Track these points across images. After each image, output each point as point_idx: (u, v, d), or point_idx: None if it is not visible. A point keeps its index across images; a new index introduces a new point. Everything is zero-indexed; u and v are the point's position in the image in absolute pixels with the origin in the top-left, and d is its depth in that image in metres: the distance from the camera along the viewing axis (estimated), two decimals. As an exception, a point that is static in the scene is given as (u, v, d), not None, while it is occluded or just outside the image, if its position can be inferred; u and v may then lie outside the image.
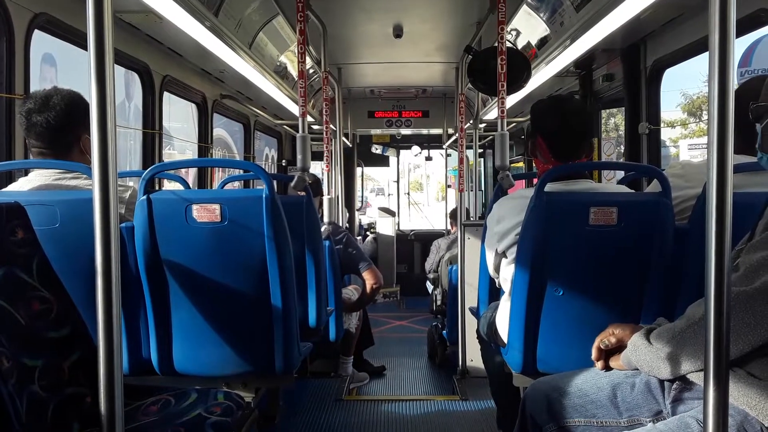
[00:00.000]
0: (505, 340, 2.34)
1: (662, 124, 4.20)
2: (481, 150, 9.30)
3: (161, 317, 2.24)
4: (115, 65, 1.14)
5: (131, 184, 3.08)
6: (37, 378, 1.51)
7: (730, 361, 1.37)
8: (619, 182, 2.79)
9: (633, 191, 2.46)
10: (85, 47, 3.05)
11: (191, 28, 3.32)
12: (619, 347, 1.69)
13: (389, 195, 11.77)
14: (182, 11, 3.04)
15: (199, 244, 2.17)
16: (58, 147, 2.27)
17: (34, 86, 2.66)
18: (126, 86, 4.19)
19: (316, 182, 4.50)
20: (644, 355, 1.55)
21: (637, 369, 1.62)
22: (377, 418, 3.75)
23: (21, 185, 2.26)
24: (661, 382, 1.61)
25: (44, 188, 2.21)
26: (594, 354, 1.73)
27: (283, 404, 3.50)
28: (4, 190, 2.33)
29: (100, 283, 1.12)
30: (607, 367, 1.72)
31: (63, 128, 2.25)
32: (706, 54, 1.06)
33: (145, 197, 2.14)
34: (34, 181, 2.24)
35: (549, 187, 2.14)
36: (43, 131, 2.23)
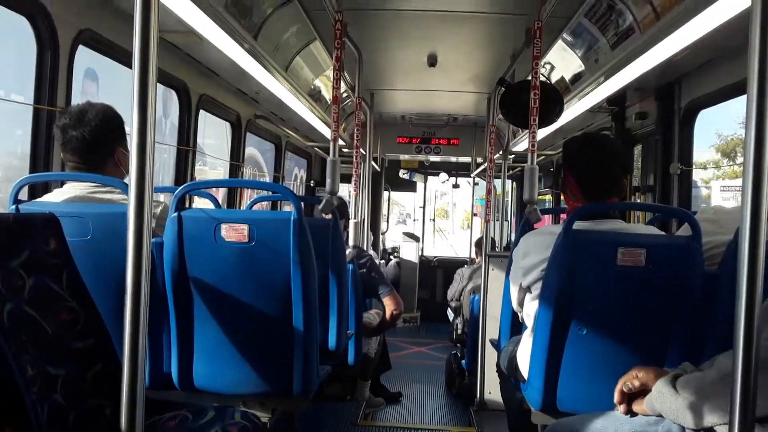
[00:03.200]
0: (526, 376, 2.32)
1: (694, 165, 4.16)
2: (509, 180, 9.28)
3: (184, 333, 2.25)
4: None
5: (162, 199, 3.13)
6: (60, 387, 1.53)
7: (761, 418, 1.34)
8: (648, 223, 2.76)
9: (663, 233, 2.44)
10: (126, 63, 3.15)
11: (230, 49, 3.39)
12: (642, 391, 1.66)
13: (415, 221, 11.75)
14: (223, 33, 3.11)
15: (226, 263, 2.19)
16: (93, 161, 2.31)
17: (76, 100, 2.72)
18: (163, 103, 4.27)
19: (343, 205, 4.52)
20: (670, 402, 1.52)
21: (660, 416, 1.59)
22: None
23: (55, 196, 2.31)
24: (684, 430, 1.57)
25: (78, 200, 2.25)
26: (616, 397, 1.71)
27: (298, 426, 3.49)
28: (38, 200, 2.37)
29: (129, 297, 1.13)
30: (630, 411, 1.68)
31: (97, 143, 2.29)
32: (741, 97, 1.05)
33: (176, 214, 2.18)
34: (67, 192, 2.29)
35: (577, 224, 2.13)
36: (78, 146, 2.27)
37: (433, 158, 8.53)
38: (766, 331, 1.37)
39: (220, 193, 5.31)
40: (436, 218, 12.09)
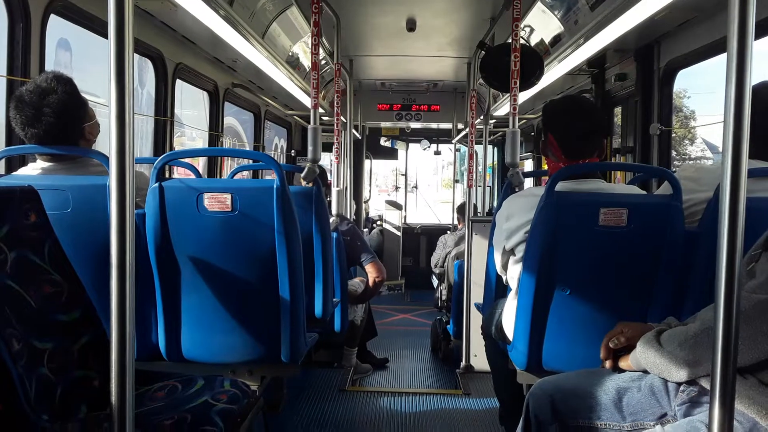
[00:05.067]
0: (511, 338, 2.35)
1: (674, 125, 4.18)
2: (490, 146, 9.29)
3: (171, 304, 2.25)
4: (131, 52, 1.15)
5: (141, 170, 3.09)
6: (47, 360, 1.53)
7: (743, 368, 1.37)
8: (630, 182, 2.78)
9: (644, 192, 2.46)
10: (100, 33, 3.08)
11: (205, 16, 3.33)
12: (627, 347, 1.69)
13: (396, 188, 11.75)
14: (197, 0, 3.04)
15: (210, 233, 2.18)
16: (65, 148, 2.24)
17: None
18: (139, 72, 4.19)
19: (322, 173, 4.51)
20: (654, 357, 1.55)
21: (645, 371, 1.63)
22: (379, 410, 3.77)
23: (30, 171, 2.27)
24: (666, 385, 1.61)
25: (54, 172, 2.22)
26: (602, 353, 1.74)
27: (287, 393, 3.52)
28: (15, 173, 2.34)
29: (115, 270, 1.13)
30: (616, 367, 1.72)
31: (63, 136, 2.21)
32: (720, 56, 1.05)
33: (157, 185, 2.16)
34: (37, 169, 2.26)
35: (560, 186, 2.14)
36: (42, 141, 2.19)
37: (414, 125, 8.50)
38: (745, 284, 1.40)
39: (200, 164, 5.26)
40: (440, 188, 12.04)
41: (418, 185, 11.38)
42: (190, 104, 5.15)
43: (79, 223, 2.09)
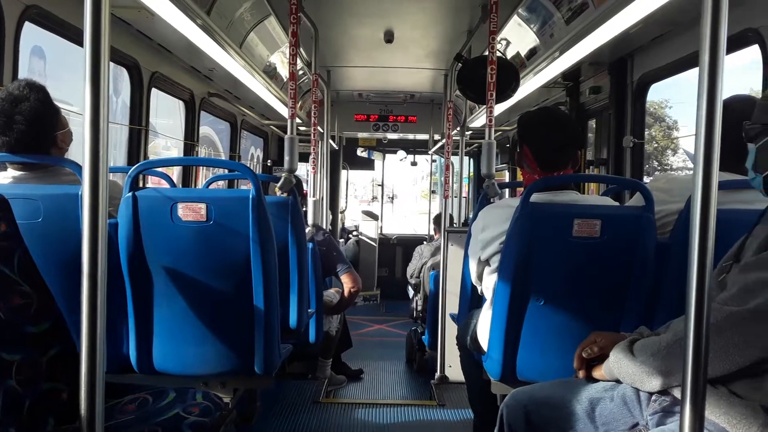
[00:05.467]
0: (485, 348, 2.36)
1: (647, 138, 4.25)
2: (466, 157, 9.35)
3: (142, 315, 2.22)
4: (107, 61, 1.14)
5: (115, 179, 3.06)
6: (15, 372, 1.49)
7: (714, 379, 1.39)
8: (604, 194, 2.82)
9: (617, 204, 2.49)
10: (75, 41, 3.05)
11: (183, 25, 3.31)
12: (601, 356, 1.70)
13: (373, 199, 11.76)
14: (174, 8, 3.02)
15: (184, 243, 2.16)
16: (37, 157, 2.21)
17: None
18: (114, 81, 4.15)
19: (298, 183, 4.49)
20: (627, 367, 1.57)
21: (618, 381, 1.64)
22: (354, 421, 3.75)
23: (0, 179, 2.23)
24: (638, 394, 1.62)
25: (25, 181, 2.19)
26: (576, 363, 1.75)
27: (260, 405, 3.49)
28: None
29: (86, 280, 1.11)
30: (589, 377, 1.73)
31: (35, 145, 2.17)
32: (693, 70, 1.07)
33: (130, 194, 2.13)
34: (8, 177, 2.22)
35: (534, 197, 2.16)
36: (13, 150, 2.15)
37: (391, 136, 8.52)
38: (716, 295, 1.42)
39: (175, 174, 5.21)
40: (419, 198, 12.08)
41: (396, 196, 11.42)
42: (166, 113, 5.11)
43: (51, 232, 2.06)
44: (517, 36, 4.65)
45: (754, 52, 2.73)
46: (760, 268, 1.39)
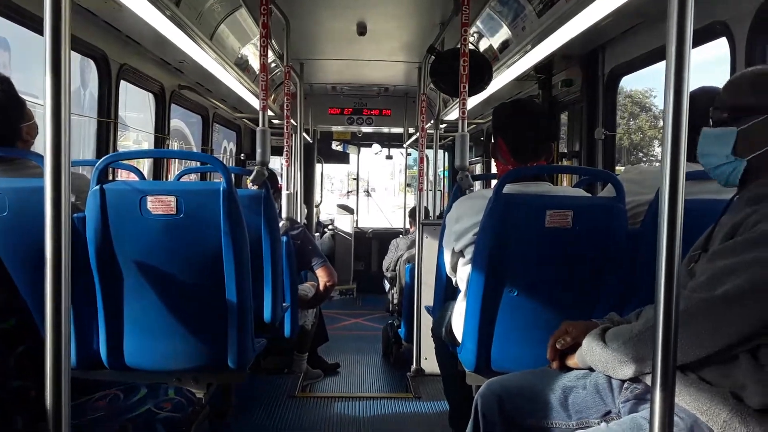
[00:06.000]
0: (460, 339, 2.36)
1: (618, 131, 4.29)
2: (441, 150, 9.37)
3: (112, 310, 2.19)
4: (72, 52, 1.11)
5: (83, 173, 3.00)
6: (-19, 371, 1.46)
7: (684, 366, 1.41)
8: (576, 185, 2.84)
9: (589, 195, 2.51)
10: (40, 32, 2.97)
11: (151, 16, 3.26)
12: (573, 346, 1.71)
13: (348, 192, 11.73)
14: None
15: (154, 237, 2.13)
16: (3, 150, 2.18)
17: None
18: (81, 73, 4.07)
19: (272, 176, 4.46)
20: (599, 354, 1.58)
21: (591, 369, 1.65)
22: (331, 415, 3.75)
23: None
24: (610, 382, 1.64)
25: None
26: (549, 353, 1.76)
27: (235, 401, 3.46)
28: None
29: (50, 274, 1.08)
30: (563, 366, 1.74)
31: (3, 136, 2.15)
32: (662, 63, 1.07)
33: (98, 187, 2.09)
34: None
35: (508, 188, 2.17)
36: None
37: (366, 129, 8.50)
38: (694, 282, 1.44)
39: (146, 167, 5.14)
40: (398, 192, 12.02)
41: (372, 189, 11.38)
42: (136, 106, 5.03)
43: (16, 226, 2.02)
44: (489, 29, 4.67)
45: (722, 47, 2.76)
46: (727, 256, 1.41)
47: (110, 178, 3.02)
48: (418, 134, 5.05)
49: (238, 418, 3.58)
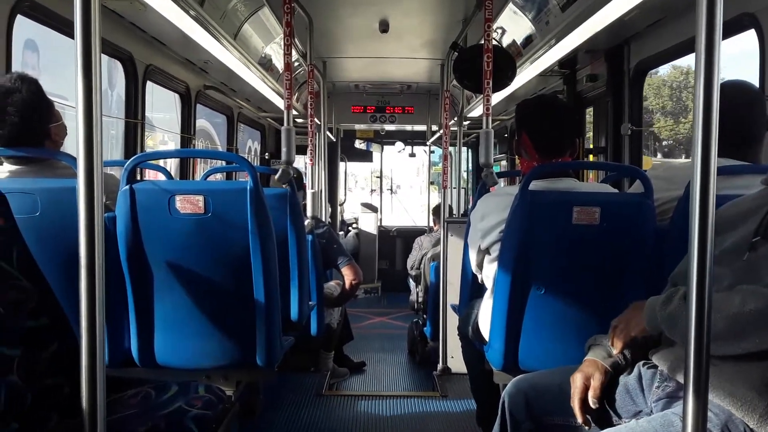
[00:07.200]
0: (487, 338, 2.35)
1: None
2: (465, 147, 9.33)
3: (143, 309, 2.22)
4: (100, 54, 1.13)
5: (112, 173, 3.04)
6: (16, 368, 1.49)
7: (720, 358, 1.36)
8: (602, 181, 2.81)
9: (616, 191, 2.48)
10: (68, 34, 3.03)
11: (176, 17, 3.30)
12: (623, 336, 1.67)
13: (372, 191, 11.74)
14: (167, 0, 3.01)
15: (182, 236, 2.15)
16: (31, 150, 2.19)
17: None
18: (109, 74, 4.13)
19: (299, 176, 4.48)
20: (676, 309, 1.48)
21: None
22: (357, 414, 3.76)
23: None
24: (640, 382, 1.61)
25: (21, 175, 2.18)
26: (576, 406, 1.63)
27: (263, 398, 3.49)
28: None
29: (84, 274, 1.10)
30: (586, 421, 1.62)
31: (28, 137, 2.15)
32: (690, 56, 1.06)
33: (127, 187, 2.12)
34: (4, 172, 2.21)
35: (533, 185, 2.15)
36: (7, 143, 2.13)
37: (389, 127, 8.50)
38: (725, 278, 1.40)
39: (172, 167, 5.20)
40: (424, 189, 11.95)
41: (397, 187, 11.35)
42: (162, 106, 5.09)
43: (49, 227, 2.05)
44: (512, 24, 4.64)
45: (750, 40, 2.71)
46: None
47: (138, 178, 3.06)
48: (441, 131, 5.03)
49: (266, 415, 3.60)
